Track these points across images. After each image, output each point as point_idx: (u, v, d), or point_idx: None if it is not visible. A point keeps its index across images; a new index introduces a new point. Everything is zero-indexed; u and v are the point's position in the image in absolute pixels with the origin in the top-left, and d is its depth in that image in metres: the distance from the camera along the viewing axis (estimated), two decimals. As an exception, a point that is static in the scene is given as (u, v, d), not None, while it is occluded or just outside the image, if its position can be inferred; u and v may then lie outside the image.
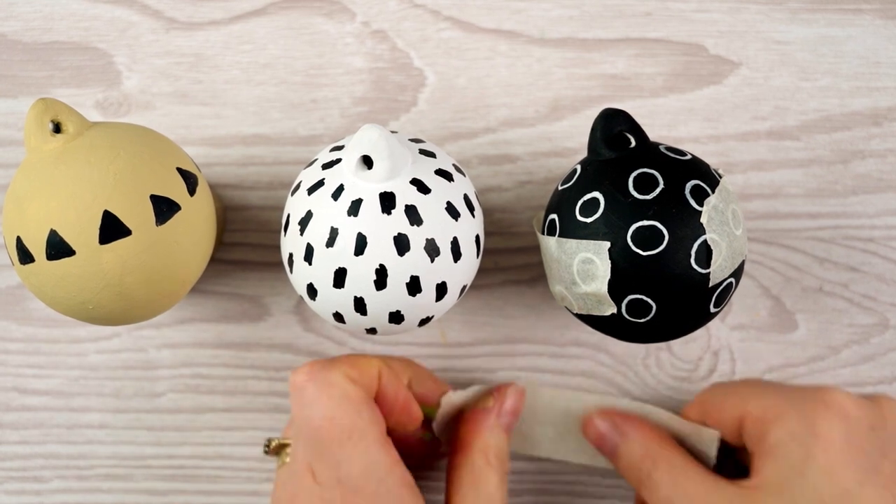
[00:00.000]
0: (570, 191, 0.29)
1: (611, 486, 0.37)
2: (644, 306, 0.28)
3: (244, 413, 0.37)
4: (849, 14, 0.36)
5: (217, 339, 0.37)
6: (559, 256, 0.29)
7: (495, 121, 0.37)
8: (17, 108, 0.37)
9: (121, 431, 0.37)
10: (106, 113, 0.37)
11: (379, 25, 0.37)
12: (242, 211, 0.37)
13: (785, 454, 0.29)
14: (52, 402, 0.37)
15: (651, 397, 0.37)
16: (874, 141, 0.36)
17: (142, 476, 0.37)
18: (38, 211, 0.27)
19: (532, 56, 0.37)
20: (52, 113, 0.28)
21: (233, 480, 0.37)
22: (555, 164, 0.36)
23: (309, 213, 0.28)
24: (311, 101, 0.37)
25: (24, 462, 0.37)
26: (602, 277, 0.28)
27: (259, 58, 0.37)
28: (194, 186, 0.30)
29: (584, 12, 0.37)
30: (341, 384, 0.29)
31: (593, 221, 0.28)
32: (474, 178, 0.36)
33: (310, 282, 0.29)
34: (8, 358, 0.37)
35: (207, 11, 0.37)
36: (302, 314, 0.37)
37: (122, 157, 0.28)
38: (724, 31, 0.37)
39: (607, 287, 0.28)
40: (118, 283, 0.28)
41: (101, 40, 0.37)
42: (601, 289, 0.28)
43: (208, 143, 0.37)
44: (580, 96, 0.37)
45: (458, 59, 0.37)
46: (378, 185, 0.28)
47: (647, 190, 0.28)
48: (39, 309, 0.37)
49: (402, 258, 0.28)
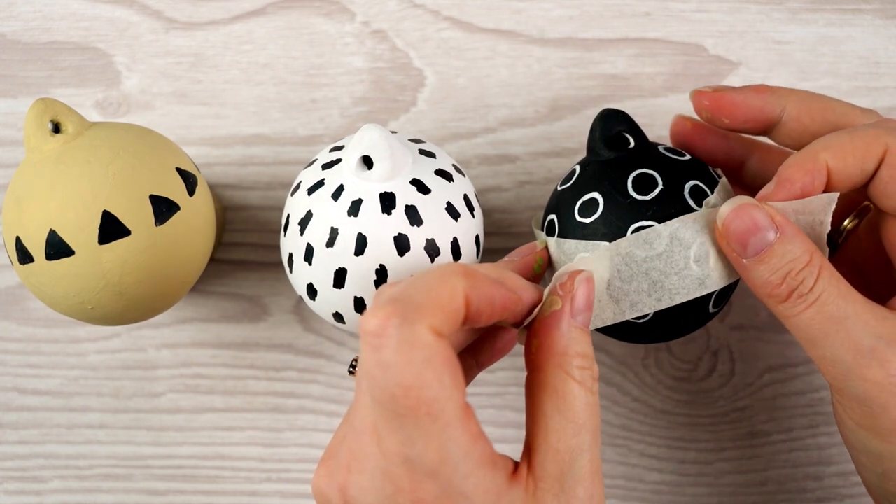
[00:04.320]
0: (569, 191, 0.29)
1: (610, 486, 0.37)
2: None
3: (243, 413, 0.37)
4: (848, 14, 0.36)
5: (216, 339, 0.37)
6: (558, 256, 0.29)
7: (495, 121, 0.37)
8: (16, 108, 0.37)
9: (120, 431, 0.37)
10: (105, 113, 0.37)
11: (378, 25, 0.37)
12: (242, 211, 0.37)
13: None
14: (51, 402, 0.37)
15: (651, 397, 0.37)
16: (874, 141, 0.36)
17: (141, 476, 0.37)
18: (37, 211, 0.27)
19: (532, 56, 0.37)
20: (52, 113, 0.28)
21: (232, 480, 0.37)
22: (554, 164, 0.36)
23: (309, 214, 0.28)
24: (310, 101, 0.37)
25: (23, 462, 0.37)
26: (601, 278, 0.28)
27: (259, 58, 0.37)
28: (194, 186, 0.30)
29: (584, 12, 0.37)
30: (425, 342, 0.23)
31: (592, 222, 0.28)
32: (474, 178, 0.36)
33: (310, 282, 0.29)
34: (8, 358, 0.37)
35: (207, 11, 0.37)
36: (302, 314, 0.37)
37: (121, 157, 0.28)
38: (724, 31, 0.37)
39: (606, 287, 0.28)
40: (118, 283, 0.28)
41: (100, 40, 0.37)
42: (600, 288, 0.28)
43: (208, 143, 0.37)
44: (580, 96, 0.37)
45: (457, 59, 0.37)
46: (378, 186, 0.28)
47: (647, 190, 0.28)
48: (39, 309, 0.37)
49: (403, 258, 0.28)
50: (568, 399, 0.25)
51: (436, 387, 0.23)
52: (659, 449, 0.37)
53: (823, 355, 0.26)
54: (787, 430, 0.37)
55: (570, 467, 0.25)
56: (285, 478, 0.37)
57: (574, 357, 0.25)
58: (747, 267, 0.26)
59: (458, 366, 0.24)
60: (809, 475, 0.37)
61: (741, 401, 0.37)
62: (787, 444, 0.37)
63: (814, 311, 0.25)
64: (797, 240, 0.26)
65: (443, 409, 0.23)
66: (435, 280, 0.24)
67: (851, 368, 0.25)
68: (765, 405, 0.37)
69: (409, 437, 0.23)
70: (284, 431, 0.37)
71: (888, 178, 0.27)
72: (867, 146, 0.27)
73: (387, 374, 0.22)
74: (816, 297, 0.25)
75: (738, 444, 0.37)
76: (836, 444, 0.36)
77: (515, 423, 0.36)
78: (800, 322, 0.26)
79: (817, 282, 0.25)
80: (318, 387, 0.37)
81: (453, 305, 0.24)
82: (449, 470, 0.23)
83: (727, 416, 0.37)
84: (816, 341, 0.26)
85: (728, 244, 0.26)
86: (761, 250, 0.26)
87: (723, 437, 0.37)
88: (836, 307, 0.25)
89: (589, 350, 0.26)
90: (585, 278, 0.26)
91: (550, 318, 0.26)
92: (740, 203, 0.26)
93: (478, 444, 0.24)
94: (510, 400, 0.37)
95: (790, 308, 0.26)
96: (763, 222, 0.26)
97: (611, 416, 0.37)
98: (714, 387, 0.37)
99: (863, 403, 0.26)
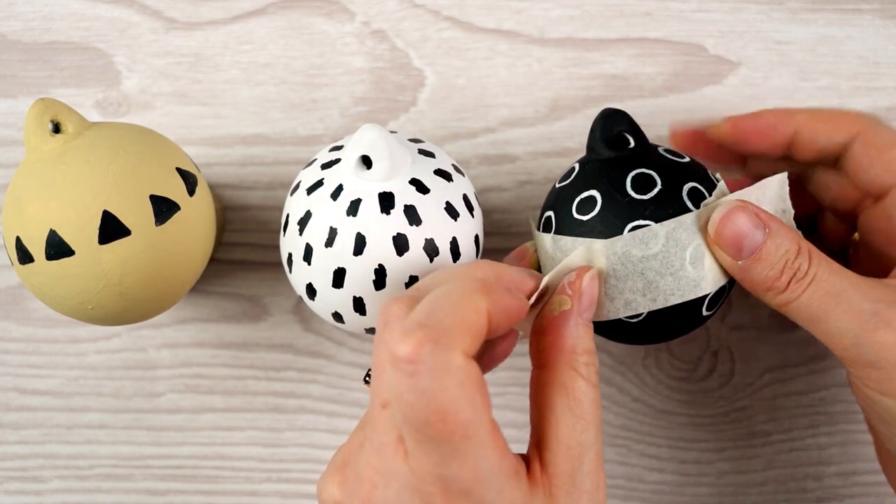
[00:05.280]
0: (567, 188, 0.29)
1: (610, 486, 0.37)
2: None
3: (243, 413, 0.37)
4: (848, 14, 0.36)
5: (217, 339, 0.37)
6: (554, 254, 0.29)
7: (495, 121, 0.37)
8: (16, 108, 0.37)
9: (120, 431, 0.37)
10: (105, 113, 0.37)
11: (378, 25, 0.37)
12: (242, 211, 0.37)
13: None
14: (51, 402, 0.37)
15: (651, 397, 0.37)
16: (874, 141, 0.36)
17: (141, 476, 0.37)
18: (37, 211, 0.27)
19: (532, 56, 0.37)
20: (52, 113, 0.28)
21: (232, 480, 0.37)
22: (554, 164, 0.36)
23: (308, 213, 0.28)
24: (310, 101, 0.37)
25: (23, 462, 0.37)
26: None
27: (259, 58, 0.37)
28: (194, 186, 0.30)
29: (584, 12, 0.37)
30: (459, 367, 0.23)
31: (589, 219, 0.28)
32: (474, 178, 0.36)
33: (309, 282, 0.29)
34: (8, 358, 0.37)
35: (207, 11, 0.37)
36: (301, 314, 0.37)
37: (121, 157, 0.28)
38: (724, 31, 0.37)
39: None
40: (118, 283, 0.28)
41: (100, 40, 0.37)
42: None
43: (208, 143, 0.37)
44: (580, 96, 0.37)
45: (457, 59, 0.37)
46: (377, 185, 0.28)
47: (645, 190, 0.28)
48: (39, 309, 0.37)
49: (402, 258, 0.28)
50: (578, 396, 0.26)
51: (469, 409, 0.23)
52: (659, 449, 0.37)
53: (829, 329, 0.27)
54: (787, 430, 0.37)
55: (580, 463, 0.25)
56: (285, 478, 0.37)
57: (581, 354, 0.26)
58: (744, 268, 0.27)
59: (485, 384, 0.24)
60: (809, 475, 0.37)
61: (741, 401, 0.37)
62: (787, 444, 0.37)
63: (812, 291, 0.26)
64: (783, 232, 0.27)
65: (476, 430, 0.23)
66: (460, 301, 0.24)
67: (859, 335, 0.26)
68: (765, 405, 0.37)
69: (442, 457, 0.23)
70: (284, 431, 0.37)
71: (861, 154, 0.29)
72: (842, 121, 0.29)
73: (422, 400, 0.23)
74: (812, 277, 0.26)
75: (738, 444, 0.37)
76: (836, 444, 0.36)
77: (516, 422, 0.36)
78: (800, 304, 0.27)
79: (811, 265, 0.27)
80: (318, 387, 0.37)
81: (479, 325, 0.24)
82: (483, 487, 0.24)
83: (727, 416, 0.37)
84: (819, 318, 0.27)
85: (722, 250, 0.27)
86: (754, 250, 0.27)
87: (723, 437, 0.37)
88: (831, 283, 0.26)
89: (592, 345, 0.27)
90: (592, 276, 0.27)
91: (560, 317, 0.27)
92: (727, 209, 0.27)
93: (506, 458, 0.24)
94: (510, 400, 0.37)
95: (788, 295, 0.27)
96: (752, 223, 0.27)
97: (611, 416, 0.37)
98: (714, 387, 0.37)
99: (877, 367, 0.27)
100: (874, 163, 0.29)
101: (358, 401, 0.37)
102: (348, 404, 0.37)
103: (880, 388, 0.27)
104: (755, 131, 0.31)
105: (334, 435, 0.37)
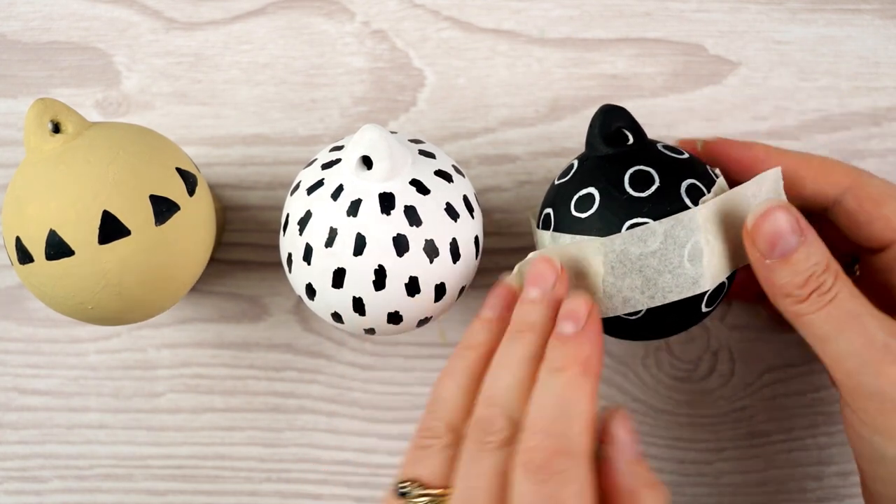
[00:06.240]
0: (566, 185, 0.29)
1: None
2: None
3: (243, 413, 0.37)
4: (848, 14, 0.36)
5: (216, 339, 0.37)
6: None
7: (495, 121, 0.37)
8: (16, 108, 0.37)
9: (120, 431, 0.37)
10: (105, 113, 0.37)
11: (378, 25, 0.37)
12: (242, 211, 0.37)
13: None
14: (51, 402, 0.37)
15: (651, 397, 0.37)
16: (874, 141, 0.36)
17: (141, 476, 0.37)
18: (37, 211, 0.27)
19: (532, 56, 0.37)
20: (52, 113, 0.28)
21: (232, 480, 0.37)
22: (554, 164, 0.36)
23: (308, 213, 0.28)
24: (310, 101, 0.37)
25: (23, 462, 0.37)
26: (594, 272, 0.28)
27: (258, 58, 0.37)
28: (194, 186, 0.30)
29: (584, 12, 0.37)
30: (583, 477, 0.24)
31: (588, 217, 0.28)
32: (474, 178, 0.36)
33: (308, 282, 0.29)
34: (8, 358, 0.37)
35: (207, 11, 0.37)
36: (301, 314, 0.37)
37: (121, 157, 0.28)
38: (724, 31, 0.37)
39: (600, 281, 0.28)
40: (117, 283, 0.28)
41: (100, 40, 0.37)
42: (593, 283, 0.28)
43: (208, 143, 0.37)
44: (580, 96, 0.37)
45: (457, 58, 0.37)
46: (377, 186, 0.28)
47: (643, 187, 0.28)
48: (39, 309, 0.37)
49: (401, 259, 0.28)
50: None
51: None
52: (659, 449, 0.37)
53: (836, 350, 0.26)
54: (787, 430, 0.37)
55: None
56: (285, 478, 0.37)
57: (642, 489, 0.26)
58: (770, 267, 0.27)
59: (596, 482, 0.25)
60: (809, 475, 0.37)
61: (741, 401, 0.37)
62: (787, 444, 0.37)
63: (830, 308, 0.26)
64: (818, 244, 0.27)
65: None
66: (586, 403, 0.25)
67: (866, 361, 0.26)
68: (765, 405, 0.37)
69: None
70: (284, 431, 0.37)
71: (856, 208, 0.29)
72: (832, 172, 0.29)
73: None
74: (833, 295, 0.26)
75: (738, 444, 0.37)
76: (836, 444, 0.36)
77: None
78: (815, 319, 0.26)
79: (835, 283, 0.26)
80: (318, 387, 0.37)
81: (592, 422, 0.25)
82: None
83: (727, 416, 0.37)
84: (830, 337, 0.26)
85: (754, 244, 0.27)
86: (786, 253, 0.26)
87: (723, 437, 0.37)
88: (851, 305, 0.26)
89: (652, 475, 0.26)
90: (623, 417, 0.27)
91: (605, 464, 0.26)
92: (771, 205, 0.27)
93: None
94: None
95: (807, 307, 0.26)
96: (791, 226, 0.26)
97: (611, 416, 0.37)
98: (714, 387, 0.37)
99: (875, 400, 0.26)
100: (872, 218, 0.29)
101: (358, 401, 0.37)
102: (348, 404, 0.37)
103: (874, 423, 0.27)
104: (742, 161, 0.31)
105: (334, 435, 0.37)
